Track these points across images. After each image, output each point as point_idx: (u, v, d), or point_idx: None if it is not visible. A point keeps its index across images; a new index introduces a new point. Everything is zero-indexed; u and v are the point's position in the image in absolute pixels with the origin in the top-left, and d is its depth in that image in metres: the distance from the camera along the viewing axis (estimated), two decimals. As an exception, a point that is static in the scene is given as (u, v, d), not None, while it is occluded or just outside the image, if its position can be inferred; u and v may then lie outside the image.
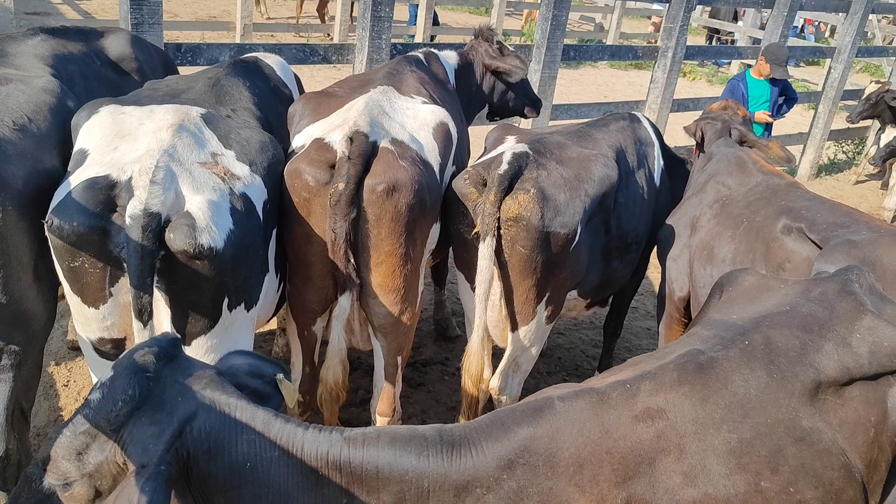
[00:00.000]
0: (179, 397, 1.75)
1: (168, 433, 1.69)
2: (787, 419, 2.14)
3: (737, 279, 2.73)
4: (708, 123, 4.88)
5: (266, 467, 1.72)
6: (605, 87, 14.40)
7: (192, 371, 1.83)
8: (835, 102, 10.37)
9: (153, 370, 1.73)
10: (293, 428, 1.78)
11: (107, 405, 1.68)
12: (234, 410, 1.78)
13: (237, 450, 1.73)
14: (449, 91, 4.67)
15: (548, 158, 3.72)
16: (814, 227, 3.54)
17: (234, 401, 1.80)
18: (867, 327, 2.42)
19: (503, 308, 3.73)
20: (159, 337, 1.89)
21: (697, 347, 2.24)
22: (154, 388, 1.73)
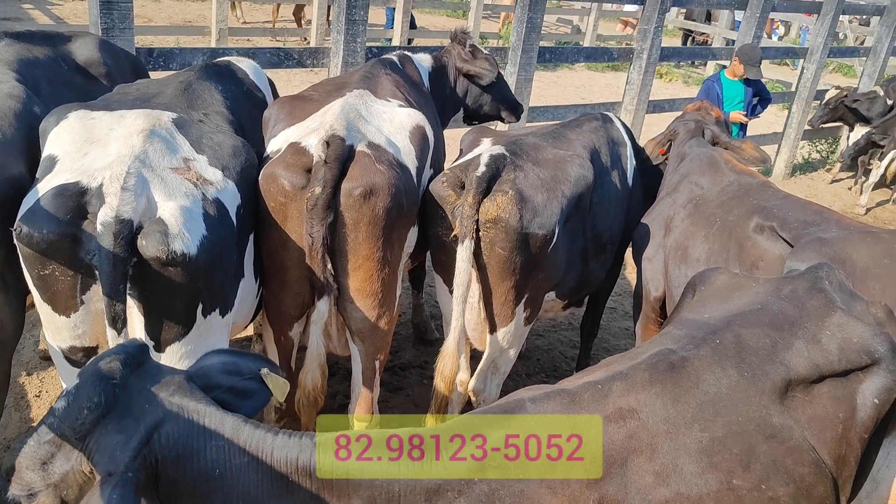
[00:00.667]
0: (147, 404, 1.73)
1: (135, 440, 1.67)
2: (758, 417, 2.16)
3: (709, 278, 2.76)
4: (681, 124, 4.94)
5: (235, 474, 1.71)
6: (583, 89, 14.48)
7: (160, 377, 1.81)
8: (808, 102, 10.51)
9: (119, 377, 1.71)
10: (262, 434, 1.77)
11: (72, 413, 1.66)
12: (203, 417, 1.76)
13: (206, 456, 1.72)
14: (424, 94, 4.67)
15: (524, 160, 3.73)
16: (785, 225, 3.59)
17: (203, 407, 1.79)
18: (837, 324, 2.46)
19: (481, 310, 3.74)
20: (126, 343, 1.87)
21: (669, 347, 2.26)
22: (121, 395, 1.70)
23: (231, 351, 2.08)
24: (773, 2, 9.45)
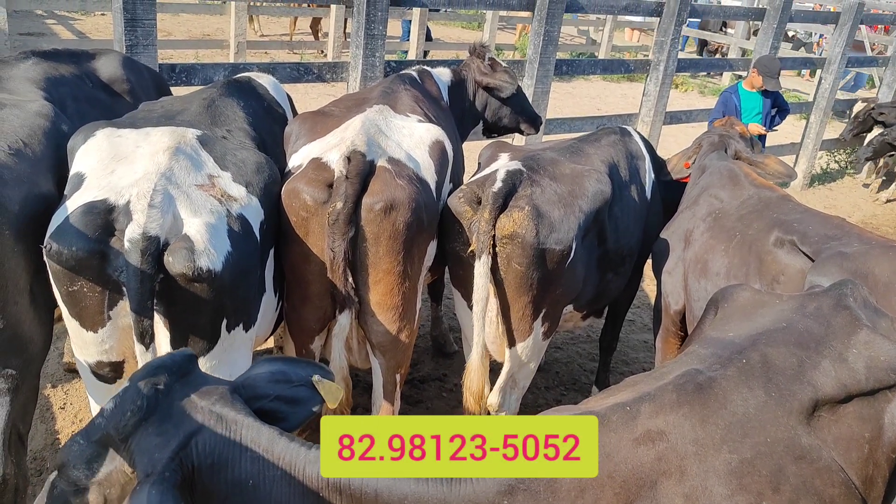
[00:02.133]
0: (188, 411, 1.78)
1: (174, 444, 1.72)
2: (786, 438, 2.14)
3: (732, 295, 2.75)
4: (706, 137, 4.94)
5: (268, 486, 1.73)
6: (598, 100, 14.47)
7: (204, 386, 1.87)
8: (826, 112, 10.45)
9: (164, 383, 1.79)
10: (297, 447, 1.79)
11: (116, 415, 1.74)
12: (241, 427, 1.80)
13: (240, 467, 1.75)
14: (443, 108, 4.70)
15: (541, 175, 3.74)
16: (806, 239, 3.57)
17: (242, 417, 1.82)
18: (863, 342, 2.44)
19: (500, 325, 3.74)
20: (175, 352, 1.94)
21: (696, 367, 2.25)
22: (163, 400, 1.77)
23: (282, 358, 2.11)
24: (791, 13, 9.42)
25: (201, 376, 1.94)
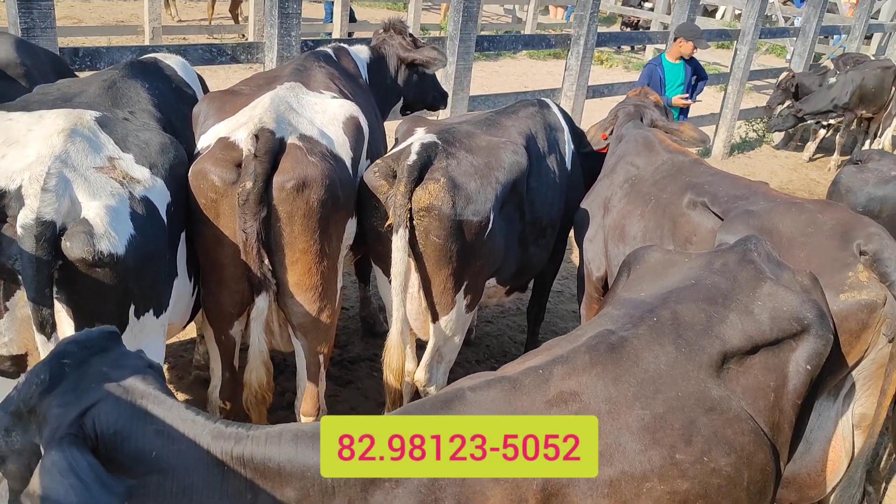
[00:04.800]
0: (95, 383, 1.78)
1: (72, 413, 1.72)
2: (697, 391, 2.20)
3: (642, 257, 2.79)
4: (622, 108, 5.01)
5: (172, 458, 1.70)
6: (525, 78, 14.54)
7: (122, 362, 1.87)
8: (742, 83, 10.75)
9: (73, 358, 1.80)
10: (202, 421, 1.76)
11: (25, 387, 1.75)
12: (147, 400, 1.77)
13: (144, 438, 1.72)
14: (361, 85, 4.62)
15: (457, 147, 3.73)
16: (716, 200, 3.66)
17: (150, 391, 1.80)
18: (767, 294, 2.52)
19: (422, 299, 3.73)
20: (94, 329, 1.95)
21: (608, 328, 2.28)
22: (71, 373, 1.78)
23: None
24: (705, -15, 9.63)
25: (121, 352, 1.94)
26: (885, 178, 4.85)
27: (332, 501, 1.74)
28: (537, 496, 1.87)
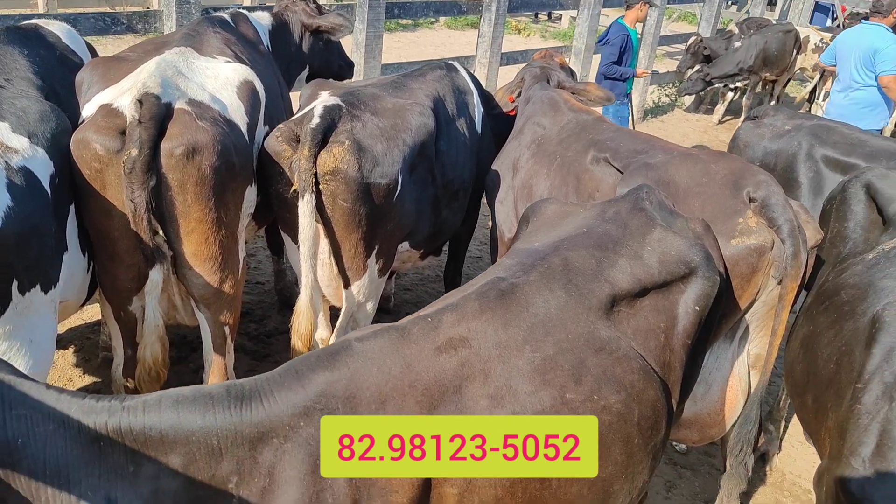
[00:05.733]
0: None
1: None
2: (586, 333, 2.24)
3: (540, 209, 2.82)
4: (528, 71, 5.04)
5: (40, 442, 1.60)
6: (443, 48, 14.45)
7: None
8: (653, 48, 10.96)
9: None
10: (68, 399, 1.66)
11: None
12: (1, 387, 1.64)
13: (6, 427, 1.60)
14: (261, 52, 4.49)
15: (362, 110, 3.67)
16: (617, 155, 3.73)
17: (3, 375, 1.66)
18: (657, 240, 2.58)
19: (333, 265, 3.68)
20: None
21: (499, 276, 2.30)
22: None
23: None
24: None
25: None
26: (780, 132, 5.03)
27: (221, 464, 1.70)
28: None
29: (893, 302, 2.71)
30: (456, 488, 1.93)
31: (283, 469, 1.73)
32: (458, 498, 1.94)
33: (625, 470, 2.23)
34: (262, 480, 1.72)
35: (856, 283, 3.02)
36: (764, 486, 4.32)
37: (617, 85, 7.79)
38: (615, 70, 7.71)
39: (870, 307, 2.81)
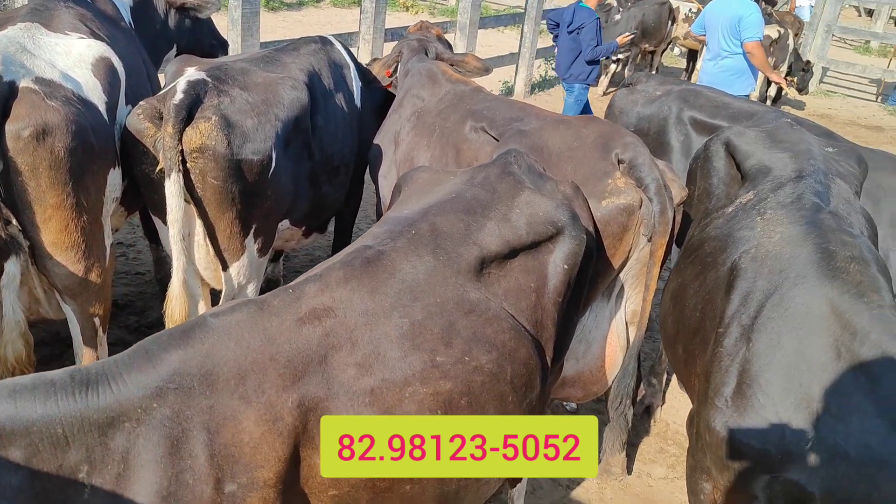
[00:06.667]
0: None
1: None
2: (455, 296, 2.25)
3: (412, 178, 2.82)
4: (406, 44, 5.00)
5: None
6: (329, 27, 14.18)
7: None
8: (537, 22, 11.12)
9: None
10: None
11: None
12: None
13: None
14: (122, 29, 4.25)
15: (230, 85, 3.55)
16: (493, 124, 3.77)
17: None
18: (525, 202, 2.62)
19: (209, 247, 3.56)
20: None
21: (365, 244, 2.28)
22: None
23: None
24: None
25: None
26: (652, 97, 5.21)
27: (68, 453, 1.61)
28: (294, 413, 1.84)
29: (749, 250, 2.86)
30: (328, 458, 1.91)
31: (139, 453, 1.66)
32: None
33: (501, 427, 2.26)
34: (116, 467, 1.64)
35: (717, 235, 3.17)
36: (648, 436, 4.52)
37: (595, 70, 7.93)
38: (601, 51, 7.83)
39: (729, 257, 2.96)
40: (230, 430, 1.77)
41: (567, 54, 7.96)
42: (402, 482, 2.07)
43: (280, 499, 1.83)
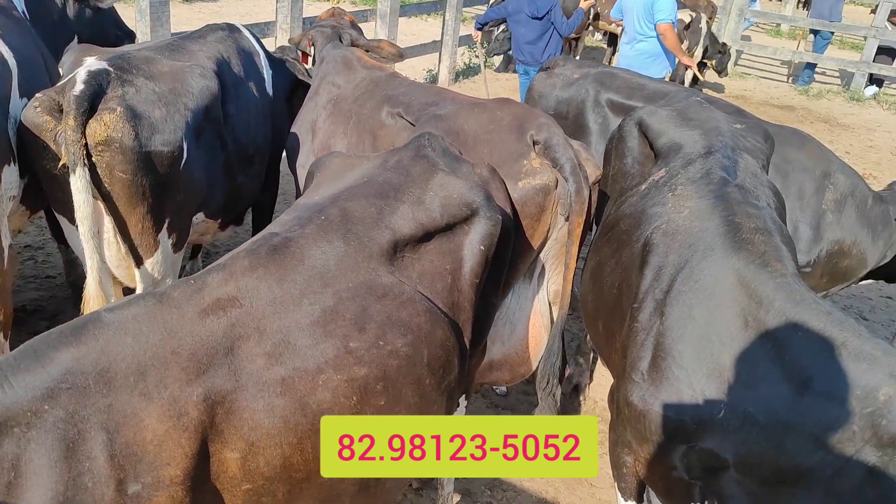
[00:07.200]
0: None
1: None
2: (367, 280, 2.21)
3: (324, 164, 2.76)
4: (319, 31, 4.92)
5: None
6: (249, 17, 13.86)
7: None
8: (458, 9, 11.12)
9: None
10: None
11: None
12: None
13: None
14: (14, 18, 4.03)
15: (134, 74, 3.41)
16: (409, 109, 3.74)
17: None
18: (439, 184, 2.60)
19: (120, 244, 3.43)
20: None
21: (272, 231, 2.22)
22: None
23: None
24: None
25: None
26: (569, 81, 5.27)
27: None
28: (200, 407, 1.78)
29: (660, 225, 2.91)
30: (237, 453, 1.86)
31: (30, 459, 1.57)
32: (241, 462, 1.87)
33: (419, 411, 2.25)
34: (6, 475, 1.55)
35: (631, 212, 3.23)
36: (578, 414, 4.59)
37: (561, 46, 8.23)
38: (574, 24, 8.14)
39: (642, 233, 3.01)
40: (131, 428, 1.69)
41: (537, 40, 8.17)
42: (320, 473, 2.03)
43: (189, 496, 1.77)
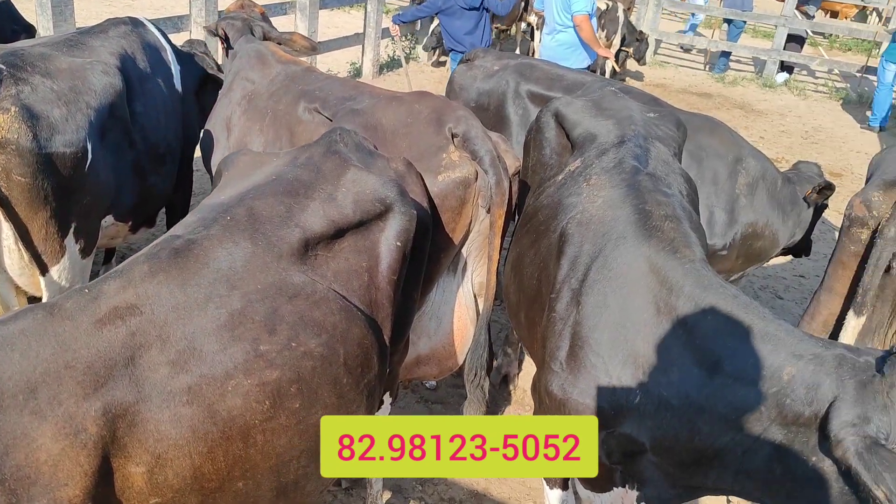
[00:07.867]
0: None
1: None
2: (277, 281, 2.16)
3: (232, 162, 2.68)
4: (228, 24, 4.77)
5: None
6: (164, 12, 13.36)
7: None
8: (381, 1, 11.01)
9: None
10: None
11: None
12: None
13: None
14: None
15: (29, 72, 3.24)
16: (326, 104, 3.67)
17: None
18: (351, 180, 2.55)
19: (22, 251, 3.26)
20: None
21: (174, 234, 2.13)
22: None
23: None
24: None
25: None
26: (490, 72, 5.28)
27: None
28: (99, 422, 1.70)
29: (575, 215, 2.94)
30: (143, 467, 1.78)
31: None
32: (148, 476, 1.79)
33: (337, 411, 2.20)
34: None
35: (548, 203, 3.25)
36: (508, 405, 4.62)
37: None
38: (508, 4, 8.66)
39: (559, 223, 3.03)
40: (22, 449, 1.60)
41: (475, 29, 8.36)
42: (234, 480, 1.97)
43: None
